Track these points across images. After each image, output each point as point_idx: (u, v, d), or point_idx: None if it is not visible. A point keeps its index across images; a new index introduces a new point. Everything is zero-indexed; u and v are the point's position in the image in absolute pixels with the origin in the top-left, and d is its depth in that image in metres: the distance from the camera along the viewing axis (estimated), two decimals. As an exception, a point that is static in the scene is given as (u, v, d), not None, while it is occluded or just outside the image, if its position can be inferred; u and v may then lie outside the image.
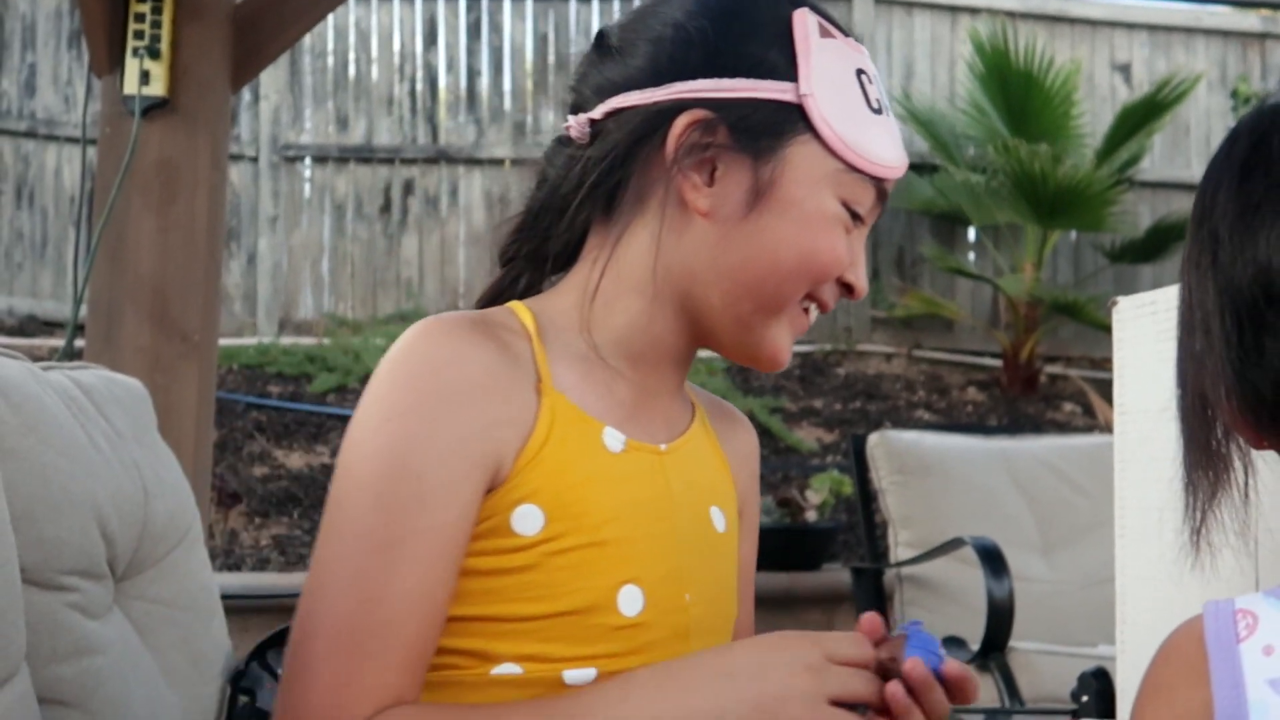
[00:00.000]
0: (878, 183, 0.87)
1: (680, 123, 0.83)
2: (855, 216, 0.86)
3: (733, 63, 0.84)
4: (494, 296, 0.91)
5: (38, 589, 0.98)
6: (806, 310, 0.88)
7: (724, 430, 0.95)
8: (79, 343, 2.14)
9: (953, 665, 0.76)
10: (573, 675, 0.80)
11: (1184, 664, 0.53)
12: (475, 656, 0.80)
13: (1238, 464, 0.58)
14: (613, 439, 0.84)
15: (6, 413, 0.99)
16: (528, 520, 0.80)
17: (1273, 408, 0.53)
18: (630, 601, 0.81)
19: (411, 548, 0.76)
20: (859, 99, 0.86)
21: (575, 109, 0.90)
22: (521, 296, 0.90)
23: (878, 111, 0.87)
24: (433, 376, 0.79)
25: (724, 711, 0.74)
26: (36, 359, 1.16)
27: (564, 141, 0.90)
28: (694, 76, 0.84)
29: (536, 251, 0.90)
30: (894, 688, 0.74)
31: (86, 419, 1.13)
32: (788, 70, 0.84)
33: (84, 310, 2.10)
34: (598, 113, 0.86)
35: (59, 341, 4.41)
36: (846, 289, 0.88)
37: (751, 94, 0.83)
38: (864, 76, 0.87)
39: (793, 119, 0.84)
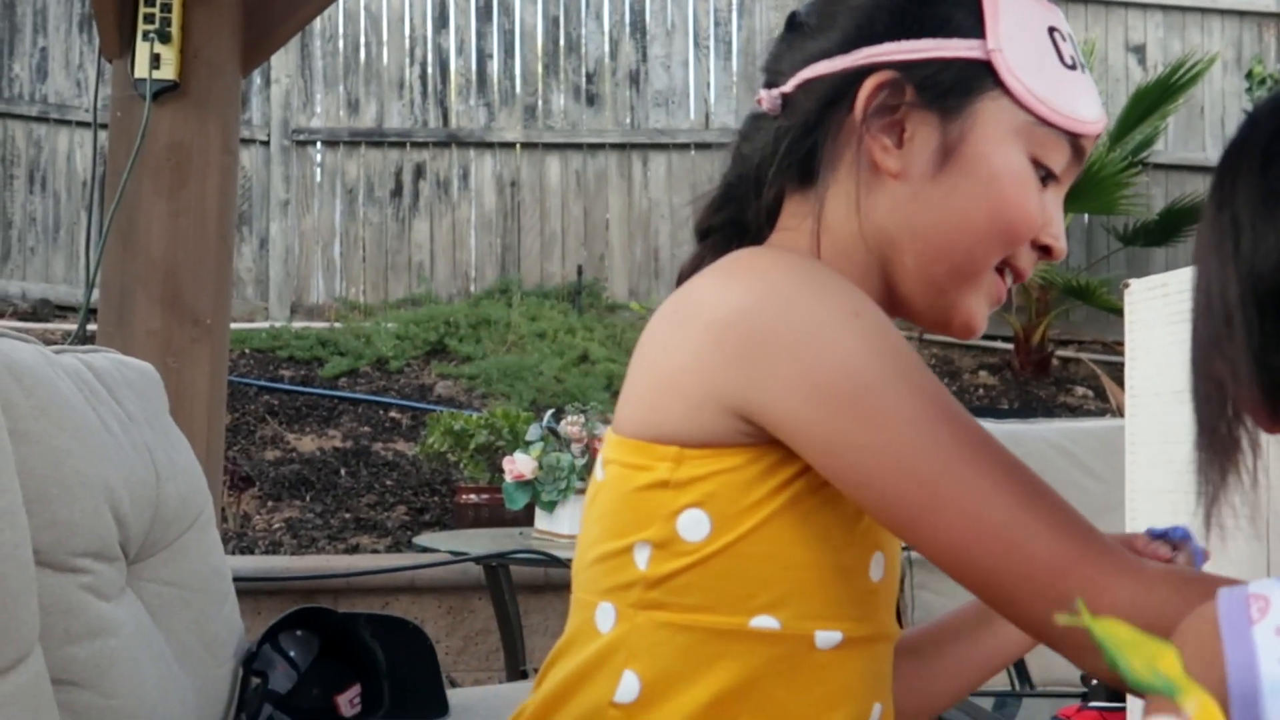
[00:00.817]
0: (1072, 139, 0.84)
1: (868, 85, 0.82)
2: (1049, 175, 0.84)
3: (919, 24, 0.83)
4: (692, 271, 0.87)
5: (51, 571, 0.99)
6: (1003, 274, 0.85)
7: None
8: (91, 326, 2.15)
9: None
10: (823, 636, 0.79)
11: (1198, 647, 0.53)
12: (739, 601, 0.77)
13: (1246, 448, 0.58)
14: None
15: (19, 396, 0.99)
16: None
17: None
18: (877, 566, 0.81)
19: (964, 412, 0.74)
20: (1051, 54, 0.84)
21: (769, 87, 0.89)
22: None
23: (1071, 68, 0.84)
24: (839, 280, 0.77)
25: None
26: (49, 343, 1.16)
27: (758, 117, 0.90)
28: (881, 41, 0.83)
29: (733, 223, 0.89)
30: None
31: (99, 402, 1.13)
32: (975, 28, 0.83)
33: (96, 294, 2.11)
34: (789, 86, 0.86)
35: (71, 325, 4.43)
36: (1044, 251, 0.85)
37: (938, 53, 0.83)
38: (1056, 34, 0.85)
39: (980, 75, 0.83)
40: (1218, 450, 0.59)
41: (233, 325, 2.53)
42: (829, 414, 0.73)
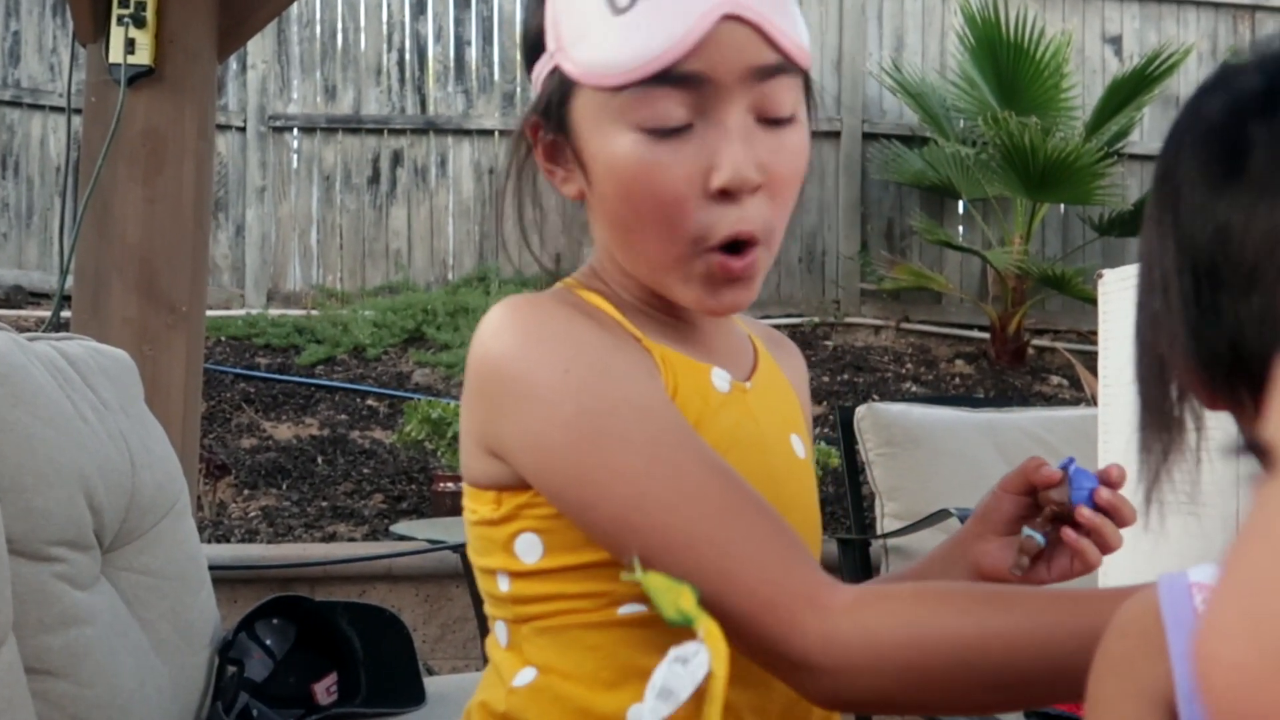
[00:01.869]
0: (667, 77, 0.75)
1: (529, 133, 0.85)
2: (672, 131, 0.76)
3: (531, 58, 0.84)
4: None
5: (25, 559, 0.98)
6: (721, 249, 0.79)
7: (781, 358, 0.96)
8: (65, 313, 2.14)
9: (1103, 495, 0.81)
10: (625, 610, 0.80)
11: (1141, 638, 0.53)
12: (600, 598, 0.79)
13: (1190, 427, 0.58)
14: (720, 379, 0.85)
15: (-8, 383, 0.99)
16: None
17: (1228, 368, 0.53)
18: None
19: (689, 451, 0.75)
20: (598, 10, 0.77)
21: None
22: None
23: (623, 10, 0.76)
24: (574, 328, 0.79)
25: None
26: (22, 330, 1.15)
27: None
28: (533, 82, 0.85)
29: None
30: (1068, 533, 0.80)
31: (73, 390, 1.13)
32: (543, 38, 0.81)
33: (70, 281, 2.09)
34: None
35: (45, 312, 4.40)
36: (726, 195, 0.77)
37: (540, 77, 0.82)
38: None
39: (563, 82, 0.80)
40: (1160, 427, 0.59)
41: (209, 312, 2.51)
42: (548, 469, 0.76)
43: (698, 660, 0.65)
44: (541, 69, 0.82)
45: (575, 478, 0.75)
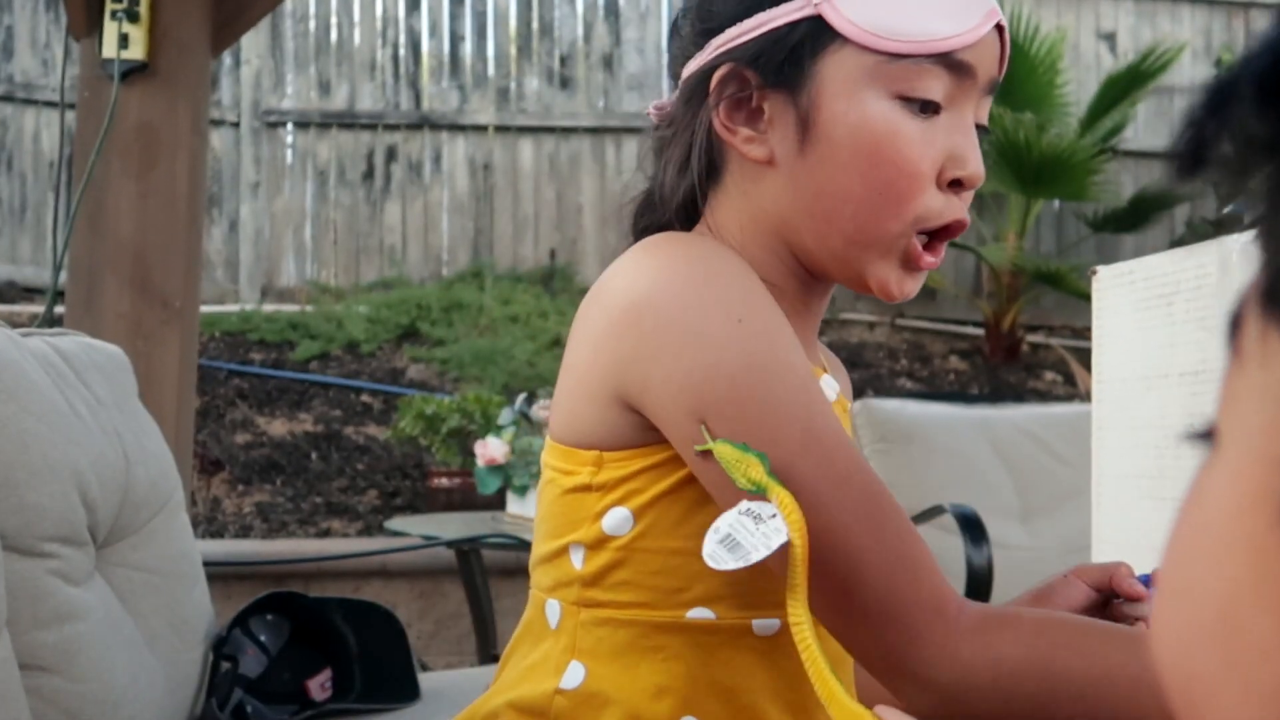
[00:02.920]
0: (944, 59, 0.77)
1: (714, 82, 0.80)
2: (928, 105, 0.77)
3: (750, 2, 0.80)
4: None
5: (18, 555, 0.98)
6: (929, 235, 0.79)
7: (839, 376, 0.93)
8: (59, 309, 2.13)
9: None
10: (760, 624, 0.78)
11: None
12: (671, 594, 0.77)
13: None
14: (829, 387, 0.85)
15: (-15, 379, 0.98)
16: None
17: None
18: None
19: (835, 433, 0.73)
20: None
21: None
22: None
23: None
24: (744, 278, 0.76)
25: None
26: (15, 325, 1.15)
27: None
28: (724, 29, 0.81)
29: (658, 226, 0.88)
30: None
31: (67, 386, 1.13)
32: None
33: (64, 276, 2.09)
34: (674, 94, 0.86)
35: (38, 308, 4.39)
36: (957, 185, 0.78)
37: (770, 25, 0.79)
38: None
39: (816, 33, 0.78)
40: None
41: (203, 308, 2.51)
42: (695, 419, 0.72)
43: (773, 525, 0.64)
44: (781, 14, 0.78)
45: (729, 433, 0.71)
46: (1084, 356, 4.79)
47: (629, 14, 5.46)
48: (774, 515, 0.65)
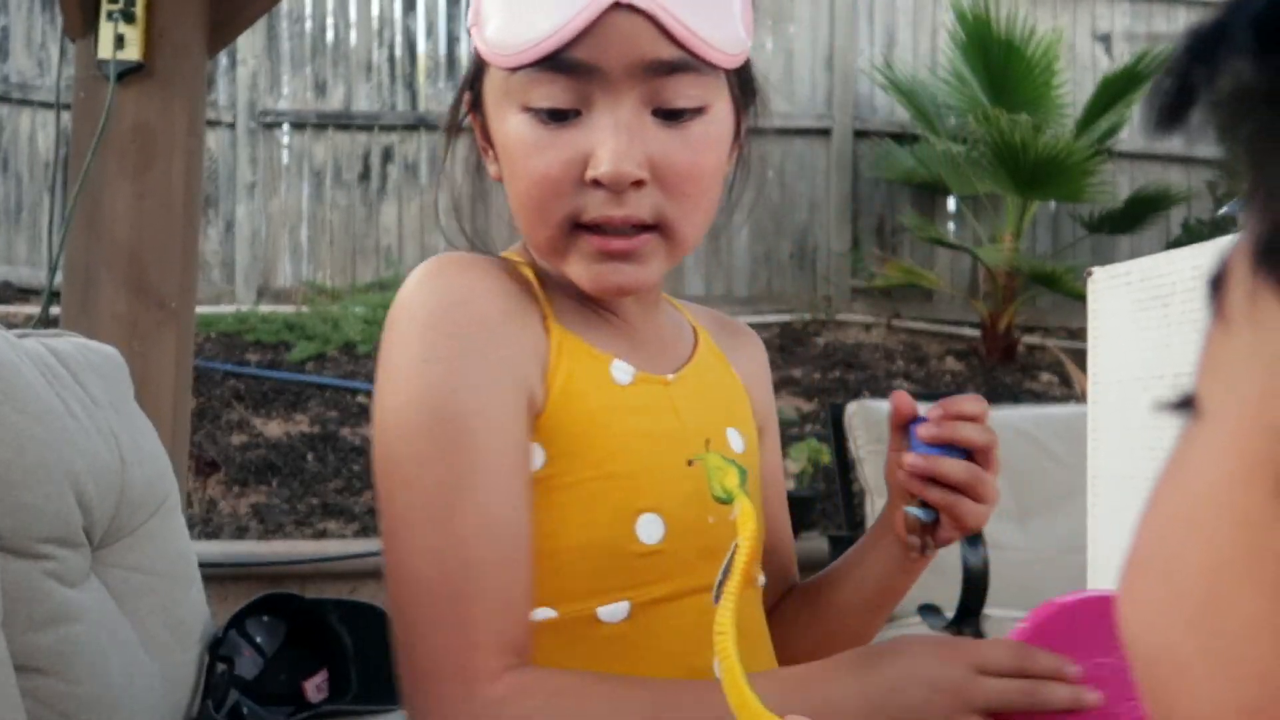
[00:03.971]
0: (553, 62, 0.75)
1: (468, 111, 0.86)
2: (556, 114, 0.76)
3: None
4: None
5: (14, 556, 0.98)
6: (595, 229, 0.79)
7: (733, 348, 0.95)
8: (55, 310, 2.13)
9: (922, 431, 0.84)
10: (606, 611, 0.79)
11: None
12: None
13: None
14: (621, 371, 0.84)
15: (-19, 380, 0.98)
16: (533, 457, 0.79)
17: None
18: (649, 529, 0.80)
19: (477, 488, 0.74)
20: None
21: None
22: None
23: None
24: (458, 312, 0.78)
25: None
26: (11, 326, 1.15)
27: None
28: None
29: None
30: (931, 492, 0.84)
31: (63, 386, 1.12)
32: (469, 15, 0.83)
33: (59, 277, 2.08)
34: None
35: (34, 308, 4.38)
36: (600, 185, 0.77)
37: (473, 53, 0.84)
38: None
39: (476, 59, 0.82)
40: None
41: (199, 309, 2.51)
42: (376, 443, 0.78)
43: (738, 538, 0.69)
44: (475, 41, 0.82)
45: (383, 470, 0.77)
46: (1080, 358, 4.79)
47: (625, 15, 5.47)
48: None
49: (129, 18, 2.02)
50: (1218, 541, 0.27)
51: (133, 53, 2.04)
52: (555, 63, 0.75)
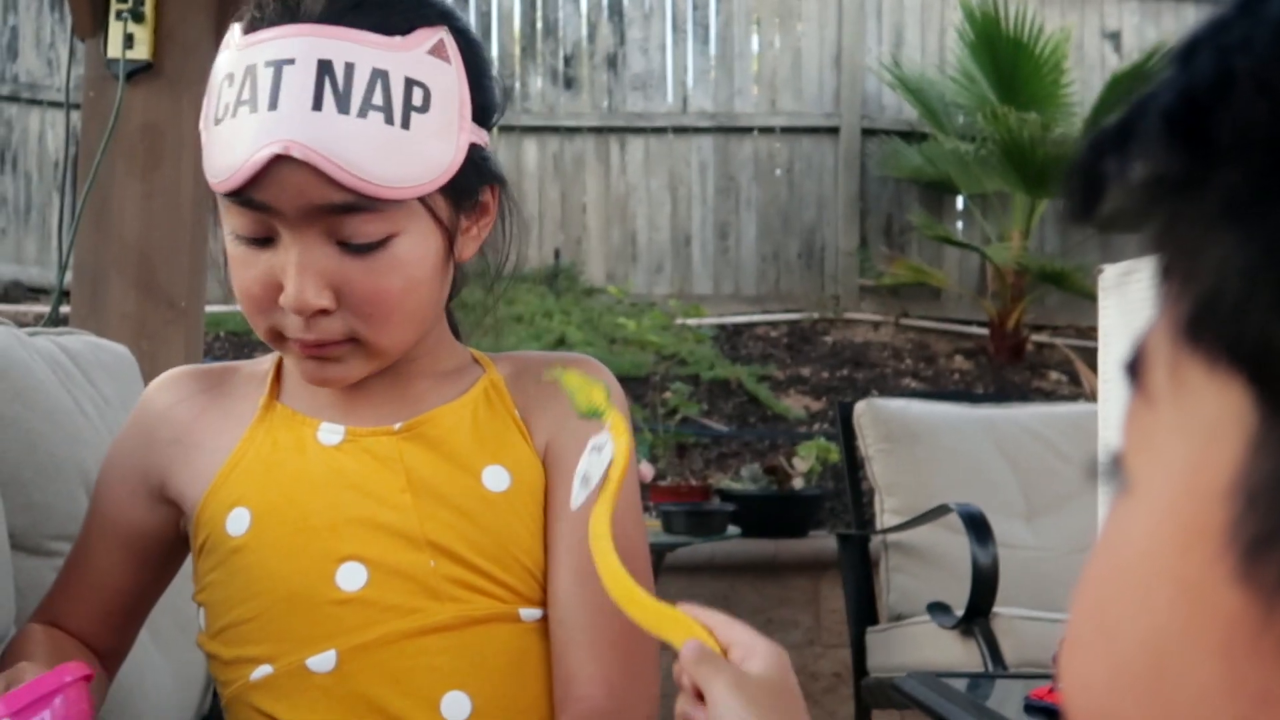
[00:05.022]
0: (237, 197, 0.81)
1: None
2: (255, 240, 0.83)
3: None
4: None
5: (26, 554, 0.98)
6: (298, 344, 0.85)
7: (533, 386, 0.94)
8: (64, 309, 2.13)
9: None
10: (314, 661, 0.84)
11: None
12: (242, 663, 0.87)
13: None
14: (329, 433, 0.90)
15: (-8, 378, 0.99)
16: (238, 521, 0.87)
17: None
18: (351, 577, 0.84)
19: (92, 526, 0.94)
20: (206, 115, 0.84)
21: None
22: None
23: (218, 121, 0.81)
24: (136, 409, 0.96)
25: None
26: (21, 325, 1.15)
27: None
28: None
29: None
30: None
31: (73, 385, 1.13)
32: None
33: (69, 276, 2.09)
34: None
35: (44, 307, 4.39)
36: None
37: None
38: (227, 81, 0.82)
39: None
40: None
41: (208, 308, 2.51)
42: None
43: (607, 449, 0.72)
44: None
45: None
46: (1089, 356, 4.78)
47: (632, 14, 5.46)
48: (607, 440, 0.72)
49: (138, 17, 2.03)
50: (1159, 609, 0.27)
51: (142, 52, 2.04)
52: (239, 199, 0.81)
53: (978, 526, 2.30)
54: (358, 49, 0.78)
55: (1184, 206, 0.28)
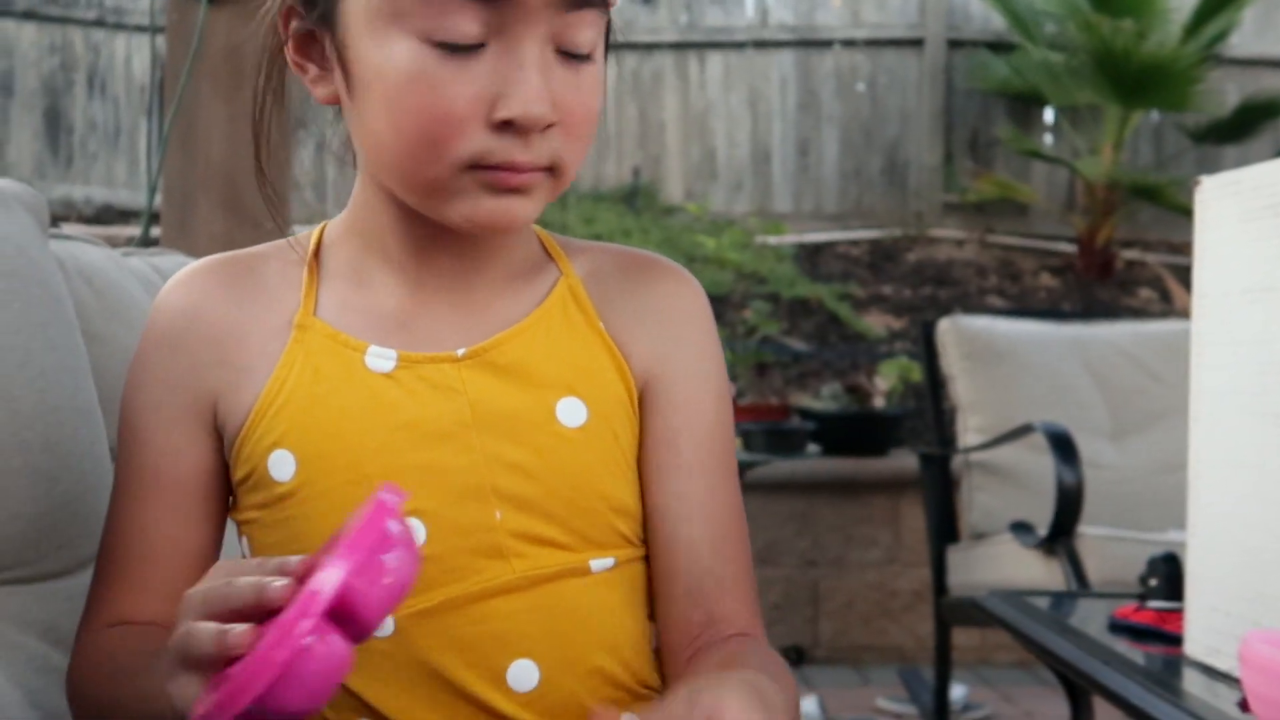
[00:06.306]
0: None
1: (280, 21, 0.77)
2: (465, 48, 0.70)
3: None
4: None
5: (126, 468, 1.02)
6: (497, 171, 0.72)
7: (623, 292, 0.83)
8: (155, 231, 2.18)
9: None
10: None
11: None
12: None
13: None
14: (379, 359, 0.77)
15: (91, 298, 1.02)
16: (282, 466, 0.76)
17: None
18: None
19: (132, 486, 0.80)
20: None
21: None
22: None
23: None
24: (153, 324, 0.82)
25: None
26: (115, 247, 1.18)
27: None
28: None
29: None
30: None
31: (166, 304, 1.15)
32: None
33: (159, 198, 2.13)
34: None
35: (135, 230, 4.48)
36: (508, 127, 0.71)
37: None
38: None
39: None
40: None
41: (292, 227, 2.55)
42: None
43: None
44: None
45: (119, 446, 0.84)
46: (1181, 273, 4.65)
47: (712, -76, 5.35)
48: None
49: (218, -62, 2.03)
50: None
51: (223, -27, 2.05)
52: None
53: (1063, 445, 2.27)
54: None
55: None
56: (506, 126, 0.71)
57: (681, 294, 0.85)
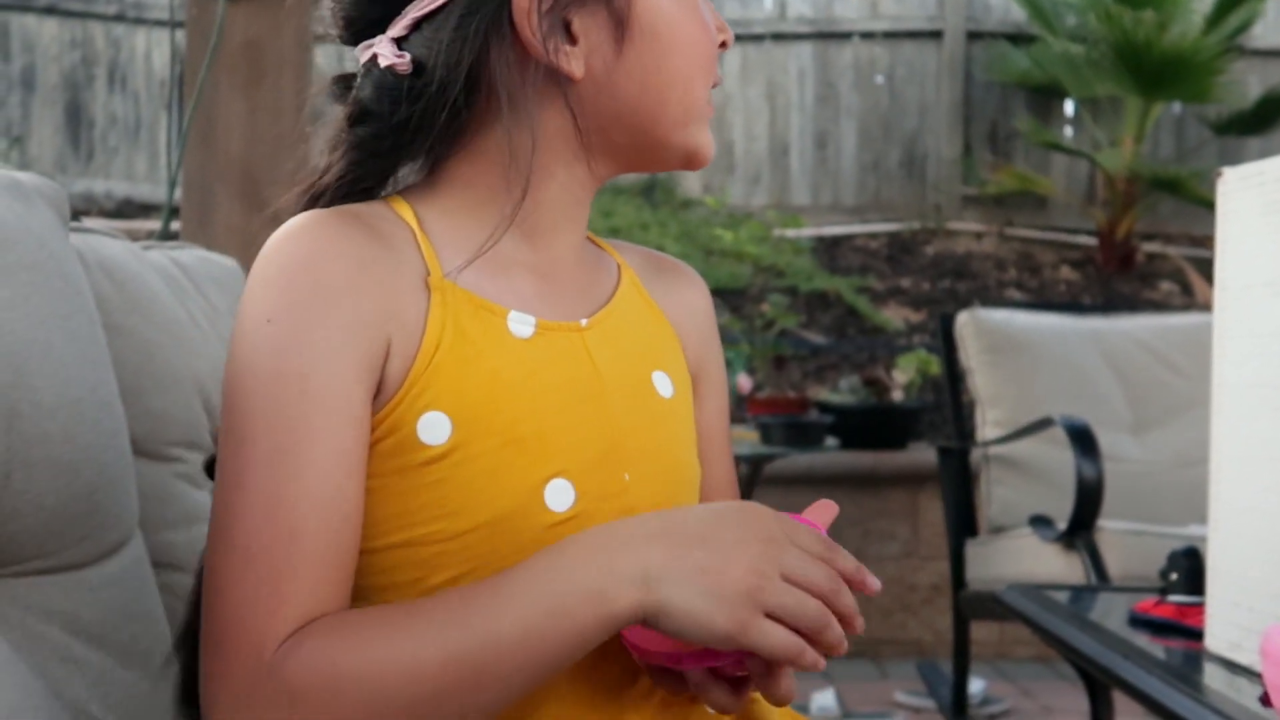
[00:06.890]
0: None
1: (520, 5, 0.77)
2: None
3: None
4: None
5: (147, 460, 1.02)
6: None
7: (663, 288, 0.90)
8: (175, 225, 2.19)
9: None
10: None
11: None
12: (413, 588, 0.74)
13: None
14: (520, 324, 0.78)
15: (111, 291, 1.02)
16: (434, 429, 0.74)
17: None
18: (559, 496, 0.75)
19: (305, 453, 0.70)
20: None
21: (359, 36, 0.85)
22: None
23: None
24: (304, 273, 0.73)
25: (659, 572, 0.68)
26: (135, 240, 1.18)
27: (370, 72, 0.83)
28: None
29: (384, 174, 0.84)
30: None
31: (186, 297, 1.16)
32: None
33: (178, 192, 2.14)
34: (400, 29, 0.80)
35: (155, 223, 4.51)
36: (721, 47, 0.85)
37: None
38: None
39: None
40: None
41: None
42: (223, 408, 0.74)
43: None
44: None
45: (224, 425, 0.73)
46: (1202, 266, 4.62)
47: (730, -84, 5.34)
48: None
49: (237, -68, 2.04)
50: None
51: (242, -32, 2.05)
52: None
53: (1083, 439, 2.26)
54: None
55: None
56: (721, 49, 0.84)
57: (703, 294, 0.93)
